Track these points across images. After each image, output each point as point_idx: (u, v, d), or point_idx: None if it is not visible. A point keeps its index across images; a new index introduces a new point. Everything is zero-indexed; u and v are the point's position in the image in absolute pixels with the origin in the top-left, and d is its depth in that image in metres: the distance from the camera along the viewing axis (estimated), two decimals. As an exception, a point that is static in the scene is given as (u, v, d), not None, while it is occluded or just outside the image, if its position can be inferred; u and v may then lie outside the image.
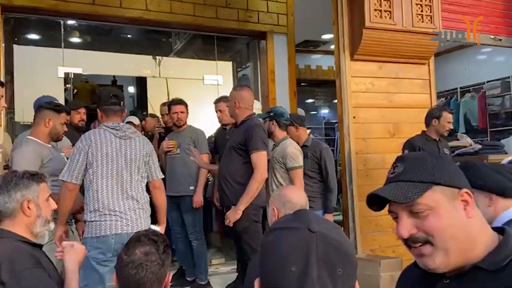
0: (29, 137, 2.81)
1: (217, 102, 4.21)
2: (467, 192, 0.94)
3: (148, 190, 2.72)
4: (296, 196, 2.11)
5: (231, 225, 2.98)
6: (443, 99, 8.23)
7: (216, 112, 4.20)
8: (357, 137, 4.11)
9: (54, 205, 1.84)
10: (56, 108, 2.87)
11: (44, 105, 2.93)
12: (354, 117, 4.12)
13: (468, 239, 0.93)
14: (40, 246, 1.76)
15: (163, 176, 2.78)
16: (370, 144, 4.15)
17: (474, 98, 7.93)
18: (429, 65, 4.45)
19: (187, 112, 4.16)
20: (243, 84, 4.94)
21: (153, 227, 2.50)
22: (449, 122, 3.91)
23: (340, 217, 4.71)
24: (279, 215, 2.08)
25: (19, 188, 1.69)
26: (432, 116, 3.95)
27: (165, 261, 1.37)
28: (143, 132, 4.78)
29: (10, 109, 5.07)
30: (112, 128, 2.56)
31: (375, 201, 0.99)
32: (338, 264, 0.75)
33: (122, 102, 2.72)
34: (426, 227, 0.92)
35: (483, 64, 8.04)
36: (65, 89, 5.84)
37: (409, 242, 0.96)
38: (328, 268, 0.73)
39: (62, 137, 2.98)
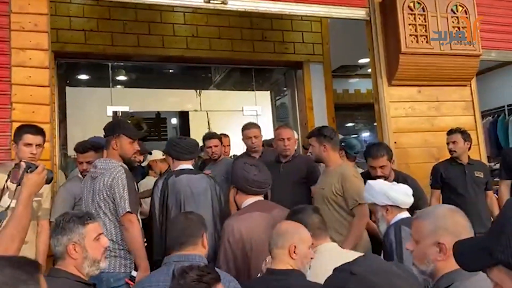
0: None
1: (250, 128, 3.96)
2: None
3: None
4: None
5: None
6: (490, 118, 7.93)
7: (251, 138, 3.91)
8: (399, 163, 4.05)
9: (106, 243, 1.88)
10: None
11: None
12: (395, 142, 4.07)
13: None
14: (94, 285, 1.84)
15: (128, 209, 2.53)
16: (413, 169, 4.06)
17: (523, 116, 7.58)
18: (471, 86, 4.35)
19: (221, 145, 4.14)
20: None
21: (133, 273, 2.48)
22: (447, 143, 3.72)
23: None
24: None
25: (65, 232, 1.77)
26: None
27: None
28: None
29: (64, 146, 5.41)
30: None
31: None
32: None
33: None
34: None
35: (530, 80, 7.71)
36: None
37: None
38: None
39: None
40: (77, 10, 4.58)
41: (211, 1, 3.66)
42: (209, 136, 4.21)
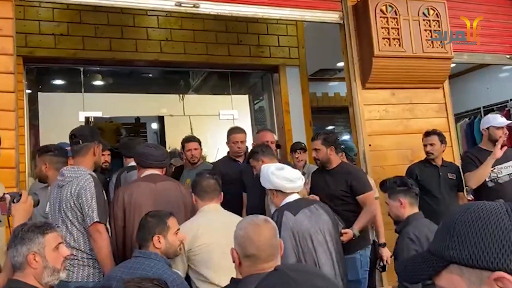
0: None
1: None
2: (504, 277, 0.69)
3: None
4: None
5: None
6: (467, 119, 8.05)
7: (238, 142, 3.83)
8: (374, 165, 4.06)
9: (65, 252, 1.86)
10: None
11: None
12: (370, 145, 4.08)
13: None
14: None
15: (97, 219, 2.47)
16: (388, 172, 4.07)
17: (499, 117, 7.71)
18: (443, 89, 4.39)
19: (201, 149, 4.12)
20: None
21: None
22: (424, 145, 3.72)
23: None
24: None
25: (24, 242, 1.75)
26: None
27: None
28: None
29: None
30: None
31: None
32: None
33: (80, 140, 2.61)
34: None
35: (505, 82, 7.85)
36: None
37: None
38: None
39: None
40: (46, 14, 4.48)
41: (182, 5, 3.62)
42: (189, 139, 4.11)
